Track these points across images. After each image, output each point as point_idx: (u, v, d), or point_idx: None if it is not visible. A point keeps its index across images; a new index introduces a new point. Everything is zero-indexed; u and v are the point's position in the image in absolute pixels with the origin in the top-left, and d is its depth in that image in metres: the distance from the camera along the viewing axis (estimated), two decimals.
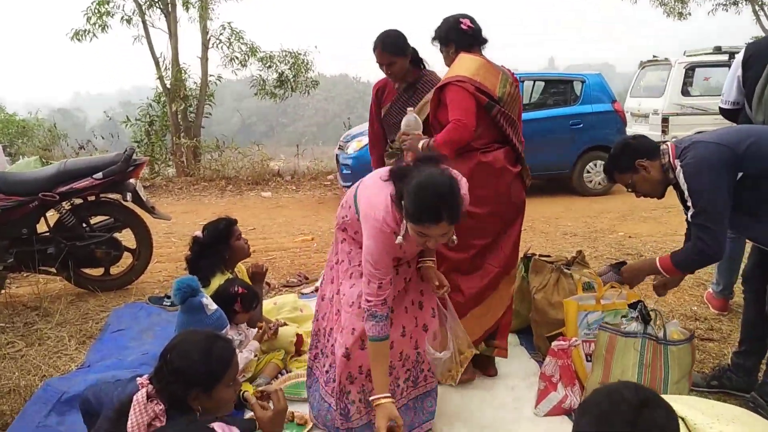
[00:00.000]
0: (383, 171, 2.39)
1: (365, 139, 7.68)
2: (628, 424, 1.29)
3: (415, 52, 3.51)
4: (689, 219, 2.61)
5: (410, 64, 3.49)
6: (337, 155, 9.31)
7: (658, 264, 2.78)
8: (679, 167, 2.58)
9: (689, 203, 2.57)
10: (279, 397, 1.95)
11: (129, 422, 1.69)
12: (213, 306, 2.49)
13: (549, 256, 3.81)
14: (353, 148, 8.64)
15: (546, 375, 2.96)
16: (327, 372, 2.62)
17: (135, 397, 1.72)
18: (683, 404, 1.49)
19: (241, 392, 2.31)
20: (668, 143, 2.72)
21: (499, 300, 3.16)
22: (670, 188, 2.74)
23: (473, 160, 2.96)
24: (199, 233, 3.44)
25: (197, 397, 1.75)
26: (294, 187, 10.93)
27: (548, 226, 7.06)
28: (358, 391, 2.52)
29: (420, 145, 2.93)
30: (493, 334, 3.18)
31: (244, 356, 3.02)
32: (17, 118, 15.00)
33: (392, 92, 3.63)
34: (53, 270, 4.64)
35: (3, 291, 4.65)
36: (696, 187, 2.52)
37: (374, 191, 2.33)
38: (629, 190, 2.82)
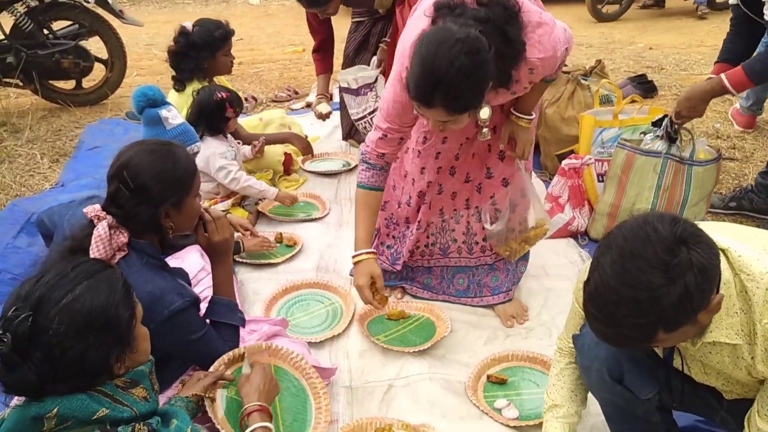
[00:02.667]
0: None
1: None
2: (660, 266, 1.03)
3: None
4: None
5: None
6: None
7: (725, 81, 2.26)
8: None
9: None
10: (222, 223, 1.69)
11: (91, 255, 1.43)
12: (176, 120, 2.17)
13: (566, 65, 3.39)
14: None
15: (553, 195, 2.73)
16: None
17: (95, 233, 1.43)
18: (723, 234, 1.23)
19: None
20: None
21: None
22: None
23: None
24: (188, 24, 3.00)
25: (168, 214, 1.52)
26: None
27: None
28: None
29: None
30: None
31: (252, 180, 2.85)
32: None
33: None
34: (17, 82, 4.22)
35: None
36: None
37: (413, 25, 1.77)
38: None
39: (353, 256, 1.93)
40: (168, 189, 1.50)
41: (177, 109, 2.74)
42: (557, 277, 2.44)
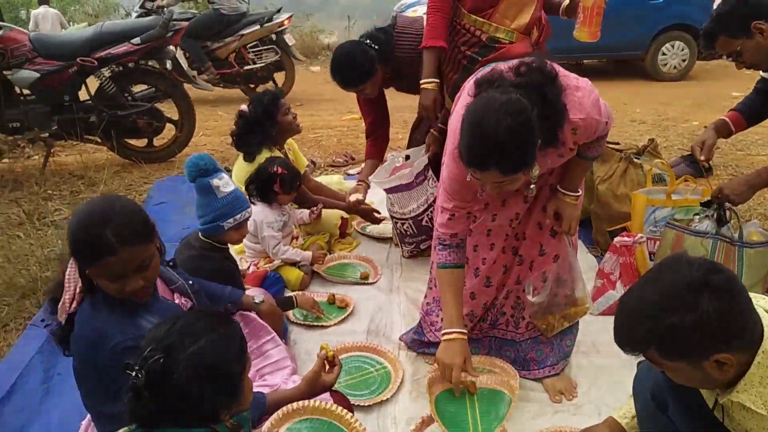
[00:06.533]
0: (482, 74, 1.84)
1: (421, 9, 7.14)
2: (668, 294, 1.18)
3: (379, 54, 2.79)
4: None
5: (382, 66, 2.86)
6: None
7: None
8: None
9: None
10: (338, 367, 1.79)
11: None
12: (228, 188, 2.26)
13: (617, 143, 3.46)
14: None
15: (604, 272, 2.74)
16: None
17: (69, 264, 1.49)
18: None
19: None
20: None
21: None
22: None
23: None
24: (245, 107, 3.22)
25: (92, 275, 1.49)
26: None
27: (615, 111, 6.53)
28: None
29: None
30: None
31: (302, 254, 2.96)
32: None
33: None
34: (97, 139, 4.57)
35: (51, 159, 4.63)
36: None
37: (459, 104, 1.89)
38: (730, 58, 2.40)
39: (445, 333, 1.96)
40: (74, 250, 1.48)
41: (239, 177, 2.93)
42: (608, 355, 2.41)
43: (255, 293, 2.32)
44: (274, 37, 7.39)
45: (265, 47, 7.41)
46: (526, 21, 2.43)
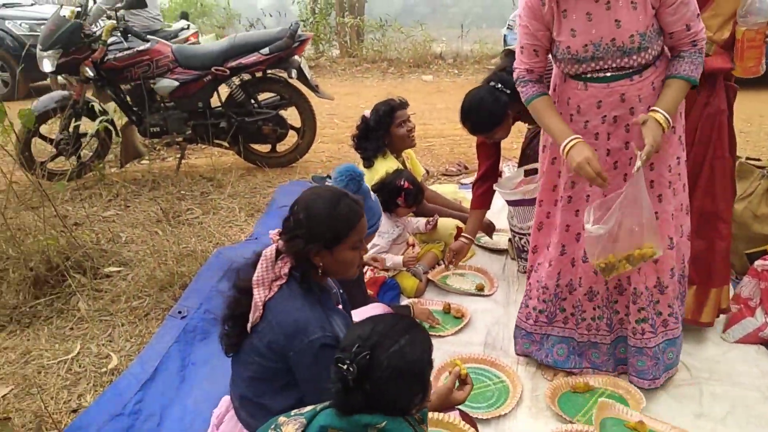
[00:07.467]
0: None
1: None
2: None
3: (510, 97, 2.69)
4: None
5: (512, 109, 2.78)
6: (505, 36, 8.67)
7: None
8: None
9: None
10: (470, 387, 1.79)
11: (255, 275, 1.66)
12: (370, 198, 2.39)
13: (759, 159, 3.22)
14: None
15: (742, 297, 2.56)
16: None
17: (264, 252, 1.68)
18: None
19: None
20: None
21: None
22: None
23: None
24: (367, 112, 3.36)
25: (318, 253, 1.66)
26: (456, 71, 10.48)
27: (749, 125, 6.09)
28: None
29: None
30: None
31: (393, 259, 2.97)
32: None
33: None
34: (225, 144, 4.86)
35: (183, 161, 4.98)
36: None
37: None
38: None
39: (565, 144, 1.94)
40: (320, 230, 1.64)
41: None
42: (746, 387, 2.25)
43: (378, 310, 2.33)
44: None
45: None
46: (726, 36, 2.30)
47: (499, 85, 2.72)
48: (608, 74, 1.96)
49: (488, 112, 2.73)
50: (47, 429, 2.15)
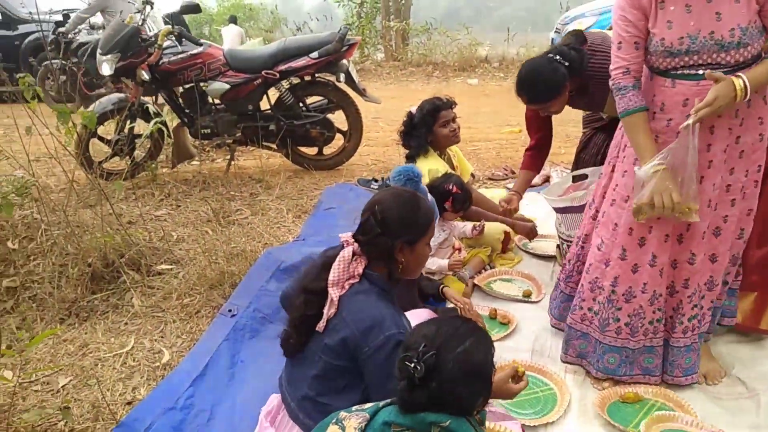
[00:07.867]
0: None
1: (587, 21, 6.89)
2: None
3: (569, 71, 2.55)
4: None
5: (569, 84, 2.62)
6: (552, 39, 8.55)
7: None
8: None
9: None
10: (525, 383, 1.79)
11: (331, 275, 1.72)
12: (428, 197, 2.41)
13: None
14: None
15: None
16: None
17: (341, 253, 1.74)
18: None
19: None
20: None
21: None
22: None
23: None
24: (413, 108, 3.39)
25: (402, 249, 1.75)
26: (502, 75, 10.42)
27: None
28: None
29: None
30: None
31: (438, 262, 2.95)
32: (245, 2, 16.06)
33: None
34: (274, 146, 4.95)
35: (233, 162, 5.09)
36: None
37: None
38: None
39: (654, 166, 1.89)
40: (406, 227, 1.74)
41: None
42: None
43: (424, 315, 2.32)
44: None
45: None
46: None
47: (558, 57, 2.66)
48: (700, 71, 1.87)
49: (546, 81, 2.61)
50: (103, 419, 2.23)
